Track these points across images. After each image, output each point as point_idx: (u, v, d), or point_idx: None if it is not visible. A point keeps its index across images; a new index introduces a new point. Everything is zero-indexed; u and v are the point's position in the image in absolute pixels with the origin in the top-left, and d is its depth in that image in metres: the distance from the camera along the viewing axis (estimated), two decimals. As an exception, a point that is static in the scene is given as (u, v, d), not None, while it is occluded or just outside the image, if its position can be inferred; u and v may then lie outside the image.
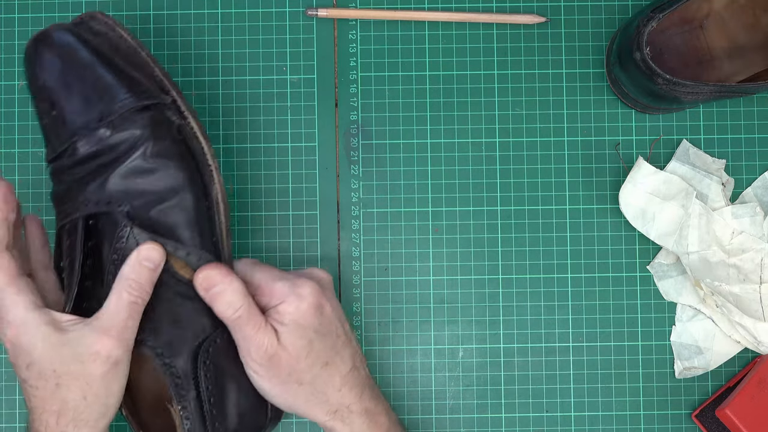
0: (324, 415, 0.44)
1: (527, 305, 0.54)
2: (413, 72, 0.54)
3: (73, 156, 0.42)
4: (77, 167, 0.42)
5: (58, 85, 0.42)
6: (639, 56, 0.47)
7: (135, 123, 0.42)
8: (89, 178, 0.42)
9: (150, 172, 0.42)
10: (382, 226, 0.54)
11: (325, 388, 0.44)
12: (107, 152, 0.42)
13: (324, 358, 0.44)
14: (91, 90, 0.42)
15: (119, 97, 0.42)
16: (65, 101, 0.42)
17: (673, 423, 0.53)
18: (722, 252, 0.52)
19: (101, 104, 0.42)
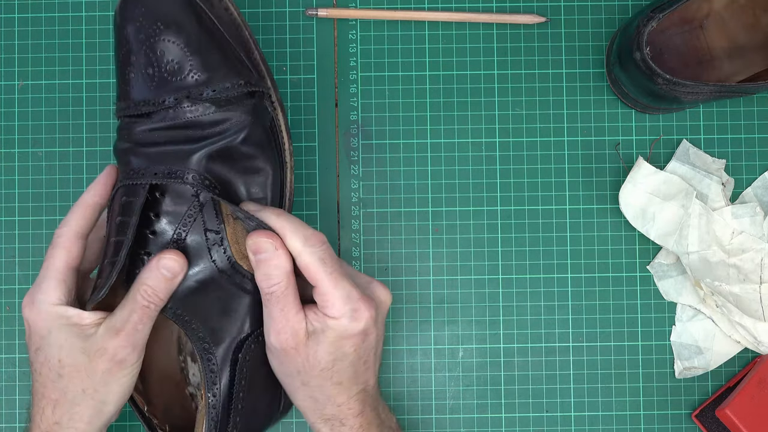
0: (314, 417, 0.43)
1: (527, 305, 0.54)
2: (413, 72, 0.54)
3: (161, 120, 0.41)
4: (160, 131, 0.41)
5: (164, 43, 0.40)
6: (639, 56, 0.47)
7: (240, 107, 0.41)
8: (171, 146, 0.41)
9: (243, 158, 0.42)
10: (382, 226, 0.54)
11: (327, 401, 0.43)
12: (201, 127, 0.41)
13: (338, 379, 0.42)
14: (200, 59, 0.41)
15: (231, 77, 0.41)
16: (168, 62, 0.40)
17: (673, 423, 0.53)
18: (722, 252, 0.52)
19: (210, 78, 0.41)
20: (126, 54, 0.41)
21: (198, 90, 0.40)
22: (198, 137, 0.41)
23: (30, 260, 0.53)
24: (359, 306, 0.41)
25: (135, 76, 0.41)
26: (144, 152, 0.41)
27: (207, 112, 0.41)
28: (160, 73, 0.40)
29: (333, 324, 0.41)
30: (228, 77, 0.41)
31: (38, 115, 0.54)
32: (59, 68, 0.54)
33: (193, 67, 0.40)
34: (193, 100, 0.40)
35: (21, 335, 0.53)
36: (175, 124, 0.41)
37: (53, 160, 0.54)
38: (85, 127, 0.54)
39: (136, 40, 0.40)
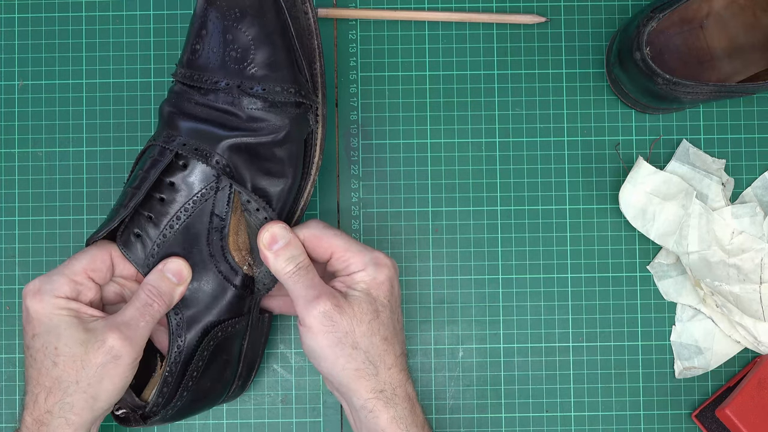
0: (368, 392, 0.42)
1: (527, 305, 0.54)
2: (413, 72, 0.54)
3: (206, 96, 0.42)
4: (203, 108, 0.42)
5: (236, 30, 0.42)
6: (639, 56, 0.47)
7: (284, 113, 0.43)
8: (206, 124, 0.42)
9: (268, 160, 0.43)
10: (382, 226, 0.54)
11: (378, 361, 0.43)
12: (240, 118, 0.42)
13: (384, 332, 0.43)
14: (263, 55, 0.42)
15: (285, 83, 0.42)
16: (234, 49, 0.42)
17: (673, 423, 0.53)
18: (722, 252, 0.52)
19: (265, 76, 0.42)
20: (199, 27, 0.43)
21: (250, 83, 0.42)
22: (233, 126, 0.42)
23: (30, 260, 0.53)
24: (378, 255, 0.44)
25: (201, 48, 0.43)
26: (183, 122, 0.42)
27: (250, 107, 0.42)
28: (223, 55, 0.42)
29: (360, 277, 0.43)
30: (282, 81, 0.42)
31: (38, 115, 0.54)
32: (59, 68, 0.54)
33: (254, 60, 0.42)
34: (243, 92, 0.42)
35: (21, 335, 0.53)
36: (218, 107, 0.42)
37: (53, 160, 0.54)
38: (85, 127, 0.54)
39: (211, 18, 0.42)
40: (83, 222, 0.53)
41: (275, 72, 0.42)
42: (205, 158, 0.42)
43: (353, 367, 0.42)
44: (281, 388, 0.53)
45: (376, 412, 0.42)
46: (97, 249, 0.43)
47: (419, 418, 0.44)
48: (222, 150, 0.42)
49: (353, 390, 0.43)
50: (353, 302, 0.42)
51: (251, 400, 0.53)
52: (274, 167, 0.43)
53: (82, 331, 0.41)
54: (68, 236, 0.53)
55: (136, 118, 0.54)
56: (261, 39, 0.42)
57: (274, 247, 0.42)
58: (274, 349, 0.54)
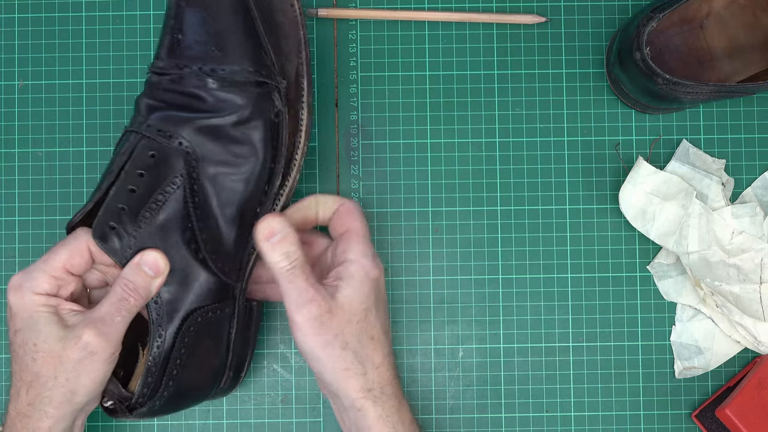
0: (357, 391, 0.43)
1: (527, 305, 0.54)
2: (413, 72, 0.54)
3: (173, 83, 0.43)
4: (170, 93, 0.43)
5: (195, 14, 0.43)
6: (639, 56, 0.47)
7: (244, 92, 0.43)
8: (172, 109, 0.43)
9: (230, 142, 0.43)
10: (382, 226, 0.54)
11: (366, 361, 0.43)
12: (204, 101, 0.43)
13: (372, 332, 0.44)
14: (220, 37, 0.43)
15: (243, 62, 0.43)
16: (195, 32, 0.43)
17: (673, 423, 0.53)
18: (722, 252, 0.52)
19: (224, 57, 0.43)
20: (166, 16, 0.44)
21: (211, 65, 0.43)
22: (198, 108, 0.43)
23: (30, 260, 0.53)
24: (375, 254, 0.45)
25: (166, 38, 0.44)
26: (152, 108, 0.43)
27: (212, 87, 0.43)
28: (185, 40, 0.43)
29: (356, 268, 0.44)
30: (240, 61, 0.43)
31: (38, 115, 0.54)
32: (59, 68, 0.54)
33: (216, 43, 0.43)
34: (205, 74, 0.43)
35: (21, 335, 0.53)
36: (185, 91, 0.43)
37: (53, 160, 0.54)
38: (85, 127, 0.54)
39: (181, 10, 0.43)
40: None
41: (234, 53, 0.43)
42: (167, 139, 0.42)
43: (342, 367, 0.43)
44: (281, 388, 0.53)
45: (364, 411, 0.43)
46: (75, 241, 0.43)
47: (406, 415, 0.45)
48: (187, 133, 0.42)
49: (342, 389, 0.43)
50: (344, 303, 0.43)
51: (251, 400, 0.53)
52: (239, 149, 0.43)
53: (60, 328, 0.41)
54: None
55: (136, 118, 0.54)
56: (219, 21, 0.43)
57: (271, 240, 0.42)
58: (274, 349, 0.54)
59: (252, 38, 0.43)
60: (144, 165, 0.42)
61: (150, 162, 0.42)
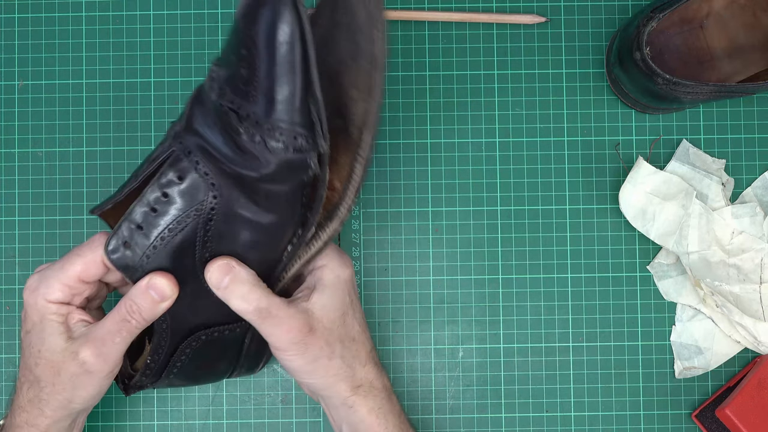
0: (347, 391, 0.44)
1: (527, 305, 0.54)
2: (413, 72, 0.54)
3: (217, 111, 0.39)
4: (212, 118, 0.39)
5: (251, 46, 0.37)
6: (639, 56, 0.47)
7: (273, 154, 0.38)
8: (208, 141, 0.39)
9: (251, 191, 0.40)
10: (382, 226, 0.54)
11: (353, 362, 0.44)
12: (233, 144, 0.39)
13: (352, 333, 0.44)
14: (266, 85, 0.37)
15: (282, 123, 0.37)
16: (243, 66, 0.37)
17: (673, 423, 0.53)
18: (722, 252, 0.52)
19: (264, 110, 0.37)
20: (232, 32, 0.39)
21: (246, 110, 0.38)
22: (226, 150, 0.39)
23: (30, 260, 0.53)
24: (343, 253, 0.45)
25: (227, 48, 0.39)
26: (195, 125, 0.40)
27: (242, 134, 0.38)
28: (236, 70, 0.38)
29: (326, 274, 0.43)
30: (279, 120, 0.38)
31: (38, 115, 0.54)
32: (59, 68, 0.54)
33: (257, 88, 0.37)
34: (240, 118, 0.38)
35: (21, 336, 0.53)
36: (222, 126, 0.39)
37: (53, 160, 0.54)
38: (85, 127, 0.54)
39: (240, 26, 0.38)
40: (83, 222, 0.53)
41: (273, 106, 0.37)
42: (195, 166, 0.39)
43: (332, 374, 0.44)
44: (281, 388, 0.53)
45: (356, 407, 0.44)
46: (91, 253, 0.42)
47: (396, 406, 0.46)
48: (214, 171, 0.39)
49: (333, 392, 0.44)
50: (322, 316, 0.43)
51: (251, 400, 0.53)
52: (262, 201, 0.40)
53: (63, 340, 0.41)
54: (68, 236, 0.53)
55: (136, 118, 0.54)
56: (267, 59, 0.37)
57: (221, 285, 0.40)
58: (274, 349, 0.54)
59: (301, 91, 0.37)
60: (169, 187, 0.39)
61: (176, 184, 0.39)
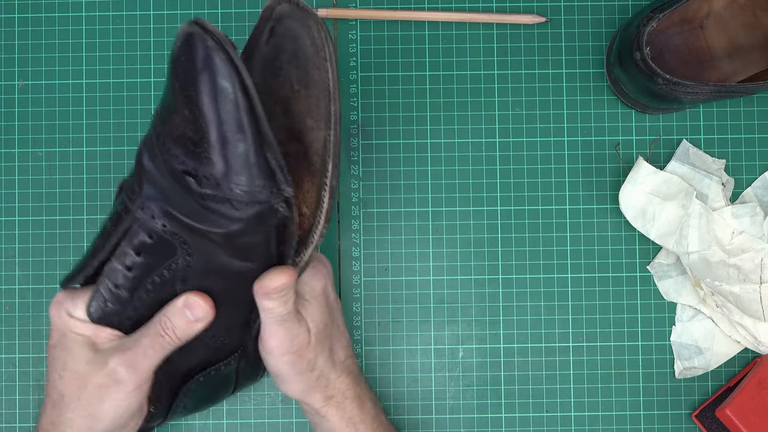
0: (320, 401, 0.45)
1: (527, 305, 0.54)
2: (413, 72, 0.54)
3: (170, 173, 0.36)
4: (166, 180, 0.37)
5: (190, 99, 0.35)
6: (639, 56, 0.47)
7: (237, 210, 0.36)
8: (169, 203, 0.37)
9: (222, 246, 0.38)
10: (382, 226, 0.54)
11: (329, 374, 0.45)
12: (193, 204, 0.36)
13: (329, 344, 0.45)
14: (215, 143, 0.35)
15: (242, 178, 0.35)
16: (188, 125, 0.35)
17: (673, 423, 0.53)
18: (722, 252, 0.52)
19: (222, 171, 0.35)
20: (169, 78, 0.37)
21: (204, 171, 0.35)
22: (188, 210, 0.37)
23: (30, 260, 0.53)
24: (315, 265, 0.45)
25: (167, 110, 0.37)
26: (150, 190, 0.38)
27: (202, 196, 0.36)
28: (183, 130, 0.36)
29: (301, 287, 0.43)
30: (238, 175, 0.35)
31: (38, 115, 0.54)
32: (59, 68, 0.54)
33: (207, 146, 0.35)
34: (198, 181, 0.36)
35: (21, 335, 0.53)
36: (176, 189, 0.37)
37: (53, 160, 0.54)
38: (85, 127, 0.54)
39: (175, 75, 0.35)
40: (83, 222, 0.53)
41: (229, 166, 0.35)
42: (163, 229, 0.37)
43: (309, 385, 0.44)
44: (281, 388, 0.53)
45: (328, 417, 0.45)
46: None
47: (369, 413, 0.46)
48: (183, 231, 0.37)
49: (308, 400, 0.45)
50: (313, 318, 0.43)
51: (251, 400, 0.53)
52: (235, 252, 0.39)
53: (90, 351, 0.40)
54: (68, 236, 0.53)
55: (136, 118, 0.54)
56: (213, 120, 0.34)
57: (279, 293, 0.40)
58: (274, 349, 0.54)
59: (254, 139, 0.35)
60: (141, 246, 0.38)
61: (147, 243, 0.38)
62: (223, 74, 0.34)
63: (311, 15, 0.38)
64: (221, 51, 0.33)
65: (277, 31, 0.39)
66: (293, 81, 0.39)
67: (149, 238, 0.38)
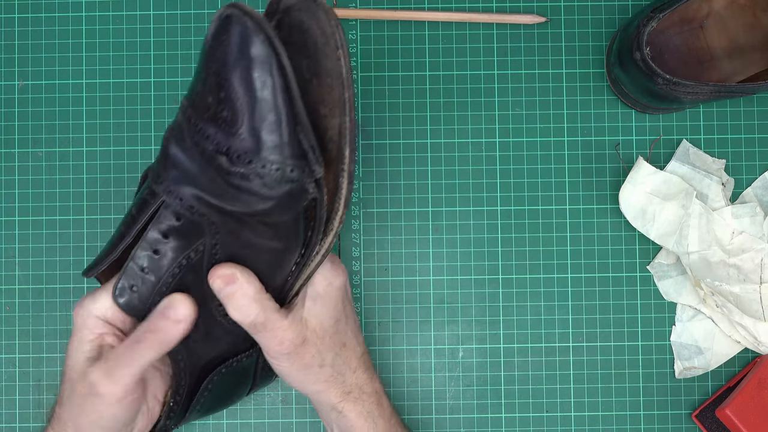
0: (337, 397, 0.44)
1: (527, 305, 0.54)
2: (413, 72, 0.54)
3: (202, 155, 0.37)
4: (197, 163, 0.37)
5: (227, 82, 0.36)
6: (639, 56, 0.47)
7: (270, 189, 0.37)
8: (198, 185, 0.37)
9: (252, 226, 0.39)
10: (382, 226, 0.54)
11: (343, 369, 0.44)
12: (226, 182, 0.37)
13: (343, 339, 0.44)
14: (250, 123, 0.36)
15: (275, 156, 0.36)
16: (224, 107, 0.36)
17: (673, 423, 0.53)
18: (722, 252, 0.52)
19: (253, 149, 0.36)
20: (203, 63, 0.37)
21: (237, 151, 0.36)
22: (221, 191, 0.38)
23: (30, 260, 0.53)
24: (336, 260, 0.44)
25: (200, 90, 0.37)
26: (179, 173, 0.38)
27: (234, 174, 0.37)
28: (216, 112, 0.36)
29: (318, 281, 0.43)
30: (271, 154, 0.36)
31: (38, 115, 0.54)
32: (59, 68, 0.54)
33: (242, 126, 0.36)
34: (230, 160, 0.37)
35: (21, 335, 0.53)
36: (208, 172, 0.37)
37: (53, 160, 0.54)
38: (85, 127, 0.54)
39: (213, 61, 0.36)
40: (83, 222, 0.53)
41: (262, 144, 0.36)
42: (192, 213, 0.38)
43: (322, 380, 0.44)
44: (281, 388, 0.53)
45: (345, 412, 0.45)
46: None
47: (386, 410, 0.46)
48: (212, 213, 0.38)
49: (323, 397, 0.44)
50: (315, 326, 0.42)
51: (251, 400, 0.53)
52: (265, 232, 0.40)
53: (85, 359, 0.39)
54: (68, 236, 0.53)
55: (136, 118, 0.54)
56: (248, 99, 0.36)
57: (222, 291, 0.39)
58: (274, 349, 0.54)
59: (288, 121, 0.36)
60: (168, 229, 0.38)
61: (175, 225, 0.38)
62: (260, 54, 0.35)
63: (319, 4, 0.38)
64: (261, 32, 0.34)
65: (284, 24, 0.38)
66: (303, 71, 0.39)
67: (177, 220, 0.38)
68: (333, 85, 0.39)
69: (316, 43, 0.38)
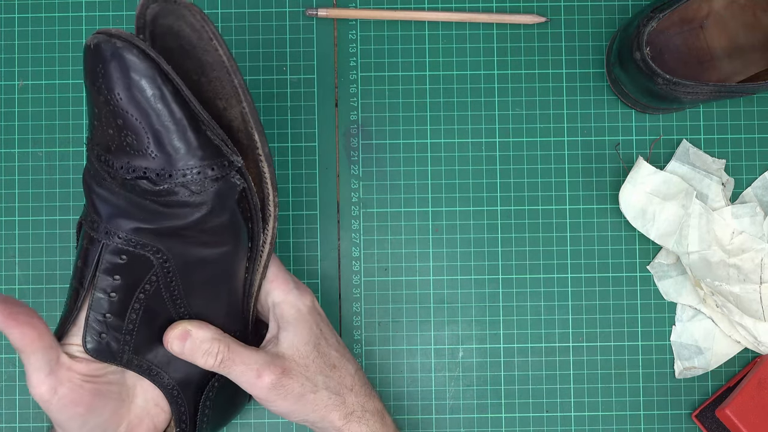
0: (340, 420, 0.44)
1: (527, 305, 0.54)
2: (413, 72, 0.54)
3: (120, 185, 0.37)
4: (117, 195, 0.38)
5: (117, 103, 0.35)
6: (639, 56, 0.47)
7: (195, 194, 0.38)
8: (128, 216, 0.37)
9: (192, 236, 0.39)
10: (382, 226, 0.54)
11: (340, 390, 0.44)
12: (156, 204, 0.37)
13: (329, 360, 0.44)
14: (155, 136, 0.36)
15: (191, 161, 0.37)
16: (126, 133, 0.36)
17: (673, 423, 0.53)
18: (722, 252, 0.52)
19: (168, 162, 0.36)
20: (88, 97, 0.37)
21: (155, 169, 0.37)
22: (150, 212, 0.38)
23: (30, 260, 0.53)
24: (299, 283, 0.45)
25: (98, 126, 0.37)
26: (106, 210, 0.38)
27: (158, 193, 0.37)
28: (120, 140, 0.36)
29: (286, 309, 0.43)
30: (187, 161, 0.37)
31: (38, 115, 0.54)
32: (59, 68, 0.54)
33: (149, 144, 0.36)
34: (150, 181, 0.37)
35: (21, 335, 0.53)
36: (130, 197, 0.38)
37: (53, 160, 0.54)
38: (85, 127, 0.54)
39: (95, 104, 0.36)
40: (83, 222, 0.53)
41: (175, 154, 0.36)
42: (134, 247, 0.38)
43: (322, 406, 0.43)
44: (281, 388, 0.53)
45: None
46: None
47: (390, 428, 0.46)
48: (150, 238, 0.38)
49: (327, 423, 0.44)
50: (293, 354, 0.43)
51: (251, 400, 0.53)
52: (208, 239, 0.39)
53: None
54: (68, 236, 0.53)
55: (136, 118, 0.54)
56: (145, 116, 0.35)
57: (183, 352, 0.40)
58: (274, 349, 0.54)
59: (194, 123, 0.36)
60: (115, 269, 0.38)
61: (121, 264, 0.38)
62: (140, 69, 0.35)
63: (181, 4, 0.37)
64: (132, 47, 0.34)
65: (156, 34, 0.38)
66: (190, 73, 0.39)
67: (121, 258, 0.38)
68: (221, 76, 0.39)
69: (191, 41, 0.38)
